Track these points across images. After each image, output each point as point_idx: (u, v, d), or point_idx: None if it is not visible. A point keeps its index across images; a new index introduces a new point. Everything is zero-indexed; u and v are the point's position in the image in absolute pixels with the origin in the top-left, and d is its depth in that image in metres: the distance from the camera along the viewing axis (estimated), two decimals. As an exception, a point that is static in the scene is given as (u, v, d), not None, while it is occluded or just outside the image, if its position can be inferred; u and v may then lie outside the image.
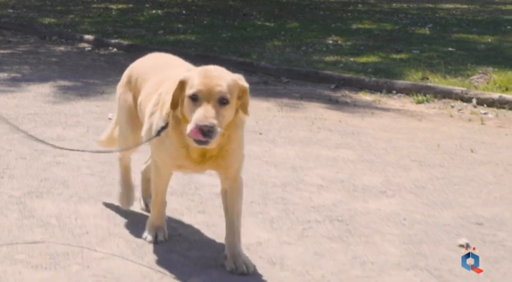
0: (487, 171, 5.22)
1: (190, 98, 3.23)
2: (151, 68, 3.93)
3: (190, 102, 3.23)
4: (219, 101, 3.21)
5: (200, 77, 3.25)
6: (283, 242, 3.90)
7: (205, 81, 3.22)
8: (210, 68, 3.35)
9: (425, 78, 8.28)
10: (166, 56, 4.17)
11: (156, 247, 3.78)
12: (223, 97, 3.21)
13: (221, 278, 3.46)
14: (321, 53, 9.96)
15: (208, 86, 3.21)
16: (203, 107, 3.16)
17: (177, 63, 3.99)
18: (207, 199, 4.49)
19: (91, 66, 9.40)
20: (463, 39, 11.17)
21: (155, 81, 3.75)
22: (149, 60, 4.10)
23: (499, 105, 7.38)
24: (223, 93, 3.21)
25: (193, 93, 3.21)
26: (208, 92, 3.20)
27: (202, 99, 3.20)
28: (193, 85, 3.23)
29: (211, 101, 3.19)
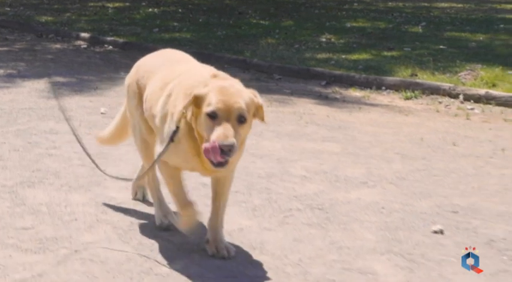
0: (468, 164, 5.40)
1: (208, 115, 3.21)
2: (157, 64, 3.93)
3: (207, 120, 3.22)
4: (238, 120, 3.22)
5: (218, 95, 3.24)
6: (264, 228, 4.07)
7: (224, 99, 3.21)
8: (226, 85, 3.34)
9: (414, 75, 8.45)
10: (174, 52, 4.16)
11: (141, 233, 3.95)
12: (242, 116, 3.22)
13: (202, 261, 3.64)
14: (313, 51, 10.13)
15: (227, 104, 3.20)
16: (223, 126, 3.16)
17: (184, 59, 3.98)
18: (193, 188, 4.64)
19: (86, 63, 9.58)
20: (455, 37, 11.33)
21: (159, 77, 3.76)
22: (157, 56, 4.10)
23: (486, 101, 7.55)
24: (242, 112, 3.22)
25: (212, 111, 3.19)
26: (227, 111, 3.20)
27: (221, 118, 3.19)
28: (212, 103, 3.21)
29: (231, 120, 3.19)
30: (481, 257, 3.76)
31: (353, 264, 3.65)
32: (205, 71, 3.62)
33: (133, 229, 4.00)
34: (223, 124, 3.16)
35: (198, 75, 3.52)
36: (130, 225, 4.05)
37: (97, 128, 6.05)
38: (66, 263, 3.57)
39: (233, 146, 3.13)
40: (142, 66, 4.03)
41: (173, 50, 4.25)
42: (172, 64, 3.84)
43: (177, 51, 4.19)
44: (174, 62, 3.89)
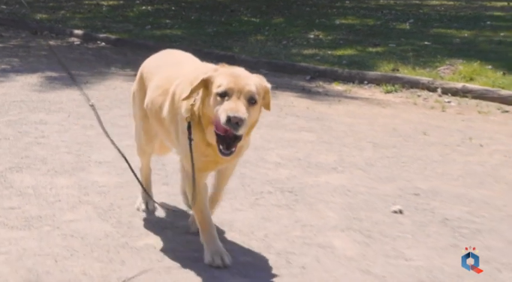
0: (435, 151, 5.71)
1: (219, 95, 3.24)
2: (159, 66, 3.95)
3: (218, 99, 3.24)
4: (249, 100, 3.25)
5: (228, 76, 3.28)
6: (236, 209, 4.39)
7: (235, 80, 3.25)
8: (234, 70, 3.38)
9: (396, 70, 8.76)
10: (176, 53, 4.18)
11: (120, 213, 4.27)
12: (253, 97, 3.25)
13: (175, 237, 3.96)
14: (300, 47, 10.44)
15: (238, 84, 3.24)
16: (233, 101, 3.19)
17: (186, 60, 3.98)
18: (172, 173, 4.98)
19: (78, 59, 9.90)
20: (441, 34, 11.63)
21: (160, 80, 3.78)
22: (159, 57, 4.12)
23: (462, 94, 7.86)
24: (252, 92, 3.25)
25: (223, 91, 3.23)
26: (239, 90, 3.23)
27: (233, 96, 3.22)
28: (222, 83, 3.25)
29: (242, 99, 3.22)
30: (434, 234, 4.10)
31: (314, 240, 3.96)
32: (209, 66, 3.65)
33: (113, 209, 4.32)
34: (234, 100, 3.19)
35: (202, 69, 3.54)
36: (110, 206, 4.37)
37: (85, 119, 6.40)
38: (48, 238, 3.89)
39: (243, 120, 3.12)
40: (146, 68, 4.06)
41: (176, 50, 4.27)
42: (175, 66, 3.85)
43: (180, 51, 4.21)
44: (176, 63, 3.91)
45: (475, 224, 4.24)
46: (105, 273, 3.50)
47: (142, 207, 4.29)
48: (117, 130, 6.09)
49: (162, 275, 3.50)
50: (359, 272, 3.60)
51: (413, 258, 3.78)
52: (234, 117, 3.12)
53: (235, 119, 3.12)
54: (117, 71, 8.99)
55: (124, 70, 9.08)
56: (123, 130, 6.08)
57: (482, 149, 5.81)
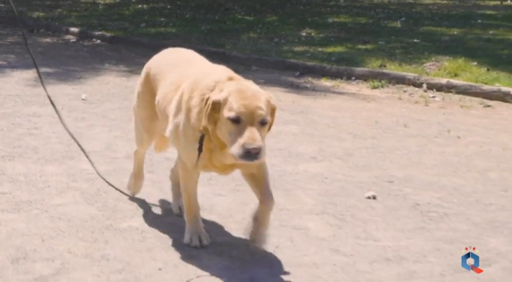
0: (413, 142, 5.94)
1: (231, 120, 3.30)
2: (167, 65, 3.98)
3: (230, 124, 3.30)
4: (260, 123, 3.31)
5: (239, 99, 3.31)
6: (216, 194, 4.62)
7: (245, 103, 3.30)
8: (243, 88, 3.40)
9: (383, 66, 8.99)
10: (182, 51, 4.23)
11: (106, 198, 4.50)
12: (264, 119, 3.32)
13: (157, 219, 4.19)
14: (291, 44, 10.67)
15: (249, 108, 3.29)
16: (249, 130, 3.25)
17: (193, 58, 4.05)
18: (157, 162, 5.21)
19: (74, 55, 10.13)
20: (431, 32, 11.86)
21: (172, 79, 3.81)
22: (166, 56, 4.16)
23: (447, 89, 8.09)
24: (264, 116, 3.31)
25: (236, 117, 3.28)
26: (250, 115, 3.28)
27: (245, 122, 3.28)
28: (233, 108, 3.29)
29: (254, 124, 3.28)
30: (404, 218, 4.33)
31: (289, 222, 4.19)
32: (219, 71, 3.68)
33: (99, 195, 4.55)
34: (248, 128, 3.25)
35: (212, 75, 3.57)
36: (97, 192, 4.60)
37: (77, 112, 6.64)
38: (36, 220, 4.12)
39: (261, 148, 3.23)
40: (153, 67, 4.08)
41: (180, 48, 4.31)
42: (183, 66, 3.89)
43: (184, 50, 4.27)
44: (183, 62, 3.95)
45: (443, 209, 4.47)
46: (88, 252, 3.73)
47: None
48: (108, 122, 6.35)
49: (143, 253, 3.73)
50: (329, 250, 3.83)
51: (381, 239, 4.01)
52: (254, 148, 3.22)
53: (255, 150, 3.22)
54: (111, 67, 9.22)
55: (117, 66, 9.30)
56: (113, 122, 6.33)
57: (459, 141, 6.04)
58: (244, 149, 3.20)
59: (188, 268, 3.58)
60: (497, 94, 7.78)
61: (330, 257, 3.75)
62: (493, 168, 5.33)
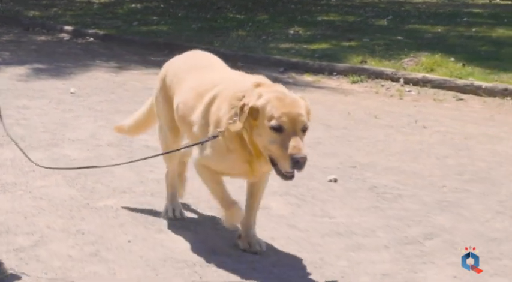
0: (381, 132, 6.31)
1: (273, 129, 3.30)
2: (187, 67, 4.00)
3: (272, 133, 3.30)
4: (302, 130, 3.34)
5: (280, 107, 3.31)
6: (190, 178, 4.97)
7: (287, 112, 3.29)
8: (281, 96, 3.39)
9: (364, 62, 9.35)
10: (202, 55, 4.28)
11: (85, 180, 4.86)
12: (305, 126, 3.35)
13: (131, 200, 4.55)
14: (278, 41, 11.03)
15: (290, 116, 3.29)
16: (293, 140, 3.25)
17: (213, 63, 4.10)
18: (136, 149, 5.58)
19: (66, 53, 10.50)
20: (415, 29, 12.19)
21: (192, 84, 3.82)
22: (185, 59, 4.18)
23: (422, 83, 8.45)
24: (305, 122, 3.34)
25: (278, 125, 3.28)
26: (293, 123, 3.29)
27: (288, 131, 3.28)
28: (275, 116, 3.29)
29: (297, 132, 3.30)
30: (360, 198, 4.70)
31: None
32: (245, 79, 3.73)
33: (79, 178, 4.91)
34: (292, 137, 3.26)
35: (239, 84, 3.58)
36: (77, 175, 4.95)
37: (65, 104, 7.01)
38: (20, 200, 4.49)
39: (306, 158, 3.25)
40: (171, 69, 4.11)
41: (201, 52, 4.39)
42: (203, 70, 3.92)
43: (205, 53, 4.33)
44: (203, 67, 3.98)
45: (398, 190, 4.84)
46: (66, 227, 4.10)
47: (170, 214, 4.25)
48: (93, 113, 6.72)
49: (115, 228, 4.10)
50: (286, 226, 4.20)
51: (336, 216, 4.38)
52: (301, 158, 3.23)
53: (302, 160, 3.24)
54: (101, 64, 9.58)
55: (108, 63, 9.67)
56: (98, 113, 6.71)
57: (424, 130, 6.40)
58: (294, 160, 3.22)
59: (156, 241, 3.95)
60: (470, 88, 8.13)
61: (286, 232, 4.12)
62: (452, 155, 5.69)
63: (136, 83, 8.20)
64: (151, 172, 5.04)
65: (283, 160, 3.27)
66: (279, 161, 3.30)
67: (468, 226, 4.24)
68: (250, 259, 3.75)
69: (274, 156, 3.33)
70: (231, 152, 3.53)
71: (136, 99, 7.41)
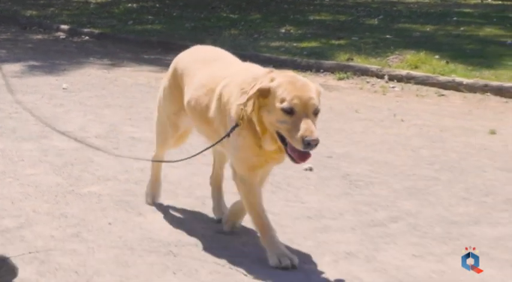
0: (359, 125, 6.54)
1: (284, 111, 3.32)
2: (196, 62, 4.00)
3: (283, 115, 3.33)
4: (314, 113, 3.36)
5: (291, 90, 3.33)
6: (171, 166, 5.20)
7: (298, 94, 3.32)
8: (293, 79, 3.42)
9: (350, 59, 9.58)
10: (211, 49, 4.30)
11: (72, 169, 5.10)
12: (317, 109, 3.37)
13: (115, 187, 4.78)
14: (269, 40, 11.27)
15: (302, 99, 3.31)
16: (305, 122, 3.28)
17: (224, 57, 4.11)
18: (122, 141, 5.81)
19: (62, 51, 10.75)
20: (405, 28, 12.43)
21: (203, 79, 3.82)
22: (194, 53, 4.19)
23: (406, 80, 8.68)
24: (317, 105, 3.36)
25: (289, 107, 3.31)
26: (304, 105, 3.31)
27: (299, 113, 3.31)
28: (286, 98, 3.32)
29: (309, 114, 3.32)
30: (333, 185, 4.92)
31: (228, 189, 4.76)
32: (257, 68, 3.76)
33: (67, 166, 5.15)
34: (304, 120, 3.29)
35: (251, 73, 3.61)
36: (64, 164, 5.19)
37: (57, 99, 7.24)
38: (9, 187, 4.72)
39: (318, 140, 3.28)
40: (181, 63, 4.12)
41: (207, 46, 4.43)
42: (213, 65, 3.92)
43: (212, 47, 4.36)
44: (213, 61, 3.98)
45: (370, 178, 5.06)
46: (50, 211, 4.33)
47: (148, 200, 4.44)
48: (84, 108, 6.96)
49: (97, 212, 4.33)
50: (260, 211, 4.42)
51: (308, 202, 4.60)
52: (313, 140, 3.26)
53: (314, 142, 3.27)
54: (95, 61, 9.83)
55: (101, 60, 9.92)
56: (88, 108, 6.95)
57: (402, 124, 6.63)
58: (305, 142, 3.24)
59: (135, 223, 4.18)
60: (451, 84, 8.36)
61: (259, 215, 4.34)
62: (427, 146, 5.92)
63: (127, 79, 8.44)
64: (136, 161, 5.27)
65: (294, 141, 3.30)
66: (291, 140, 3.32)
67: (432, 211, 4.47)
68: (223, 239, 3.98)
69: (284, 134, 3.36)
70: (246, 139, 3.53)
71: (126, 94, 7.67)
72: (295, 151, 3.36)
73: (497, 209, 4.52)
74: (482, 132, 6.36)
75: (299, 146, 3.28)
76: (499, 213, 4.46)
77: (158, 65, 9.60)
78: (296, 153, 3.36)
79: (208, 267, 3.62)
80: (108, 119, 6.50)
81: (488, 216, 4.40)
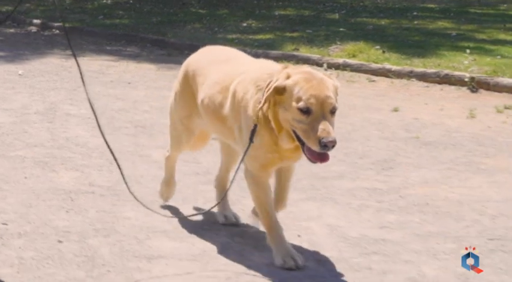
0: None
1: (300, 110, 3.31)
2: (208, 63, 4.01)
3: (299, 114, 3.31)
4: (331, 112, 3.35)
5: (308, 89, 3.32)
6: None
7: (315, 93, 3.30)
8: (309, 77, 3.39)
9: (296, 49, 10.41)
10: (222, 49, 4.31)
11: (6, 137, 5.93)
12: (334, 107, 3.36)
13: (40, 151, 5.61)
14: (227, 33, 12.09)
15: (318, 98, 3.29)
16: (322, 123, 3.26)
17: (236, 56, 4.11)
18: (59, 116, 6.64)
19: (30, 43, 11.60)
20: (361, 22, 13.21)
21: (216, 78, 3.82)
22: (205, 54, 4.20)
23: (343, 68, 9.49)
24: (334, 104, 3.35)
25: (306, 107, 3.29)
26: (321, 105, 3.30)
27: (316, 113, 3.29)
28: (302, 97, 3.30)
29: (326, 114, 3.31)
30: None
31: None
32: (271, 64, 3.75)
33: (2, 136, 5.98)
34: (321, 121, 3.27)
35: (265, 69, 3.61)
36: (1, 134, 6.02)
37: (10, 83, 8.09)
38: None
39: (336, 141, 3.27)
40: (192, 66, 4.14)
41: (218, 46, 4.50)
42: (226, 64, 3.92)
43: (222, 47, 4.43)
44: (225, 60, 3.98)
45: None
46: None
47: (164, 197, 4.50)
48: (32, 90, 7.80)
49: (18, 170, 5.17)
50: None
51: (202, 162, 5.42)
52: (330, 142, 3.26)
53: (331, 143, 3.27)
54: (58, 52, 10.66)
55: (64, 51, 10.72)
56: (37, 90, 7.79)
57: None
58: (322, 143, 3.24)
59: (47, 178, 5.02)
60: (381, 71, 9.17)
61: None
62: (331, 121, 6.73)
63: (82, 67, 9.24)
64: (64, 132, 6.11)
65: (311, 142, 3.29)
66: (307, 141, 3.33)
67: (306, 168, 5.22)
68: (118, 188, 4.80)
69: (300, 135, 3.36)
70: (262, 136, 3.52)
71: (76, 79, 8.46)
72: (312, 151, 3.35)
73: (363, 168, 5.35)
74: (386, 110, 7.17)
75: (315, 147, 3.28)
76: (363, 171, 5.28)
77: (117, 55, 10.45)
78: (313, 153, 3.36)
79: (97, 207, 4.46)
80: (51, 99, 7.33)
81: (353, 172, 5.22)
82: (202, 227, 4.23)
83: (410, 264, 3.72)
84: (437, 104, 7.61)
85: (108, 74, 8.88)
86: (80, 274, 3.58)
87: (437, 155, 5.71)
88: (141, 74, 8.94)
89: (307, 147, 3.34)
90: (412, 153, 5.73)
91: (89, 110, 5.14)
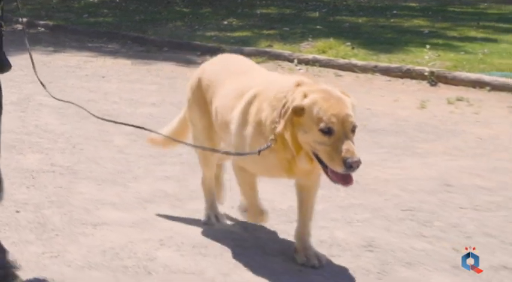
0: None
1: (321, 131, 3.28)
2: (223, 71, 4.01)
3: (321, 135, 3.29)
4: (352, 131, 3.33)
5: (327, 108, 3.30)
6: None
7: (335, 113, 3.28)
8: (326, 95, 3.36)
9: (270, 46, 10.94)
10: (236, 58, 4.30)
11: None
12: (355, 126, 3.34)
13: (10, 136, 6.13)
14: (206, 30, 12.63)
15: (339, 117, 3.28)
16: (345, 144, 3.25)
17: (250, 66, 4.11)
18: (31, 106, 7.17)
19: (15, 40, 11.94)
20: (340, 20, 13.73)
21: (231, 88, 3.80)
22: (220, 63, 4.19)
23: (312, 63, 10.03)
24: (354, 123, 3.34)
25: (328, 128, 3.28)
26: (342, 124, 3.28)
27: (338, 132, 3.28)
28: (323, 118, 3.28)
29: (347, 133, 3.29)
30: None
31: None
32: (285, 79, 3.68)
33: None
34: (344, 140, 3.26)
35: (280, 84, 3.56)
36: None
37: (-10, 77, 8.62)
38: None
39: (360, 161, 3.25)
40: (207, 74, 4.10)
41: (232, 55, 4.49)
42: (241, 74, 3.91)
43: (238, 56, 4.42)
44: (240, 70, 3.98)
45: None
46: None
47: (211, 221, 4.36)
48: (10, 83, 8.28)
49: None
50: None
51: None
52: (355, 162, 3.23)
53: (356, 164, 3.24)
54: (40, 48, 11.21)
55: (46, 48, 11.31)
56: (14, 83, 8.31)
57: (279, 95, 7.96)
58: (347, 164, 3.22)
59: (13, 160, 5.54)
60: (348, 66, 9.70)
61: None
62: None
63: (60, 62, 9.83)
64: (35, 120, 6.64)
65: (335, 163, 3.27)
66: (330, 163, 3.30)
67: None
68: (73, 168, 5.32)
69: (323, 157, 3.34)
70: (273, 156, 3.52)
71: (53, 73, 9.06)
72: (336, 173, 3.32)
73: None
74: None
75: (340, 169, 3.26)
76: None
77: (97, 51, 11.01)
78: (338, 175, 3.33)
79: (55, 184, 4.99)
80: (27, 91, 7.87)
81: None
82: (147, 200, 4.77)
83: (325, 229, 4.24)
84: (394, 96, 8.14)
85: (84, 69, 9.43)
86: (31, 237, 4.10)
87: (379, 141, 6.24)
88: (116, 68, 9.49)
89: (330, 170, 3.33)
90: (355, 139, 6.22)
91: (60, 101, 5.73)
